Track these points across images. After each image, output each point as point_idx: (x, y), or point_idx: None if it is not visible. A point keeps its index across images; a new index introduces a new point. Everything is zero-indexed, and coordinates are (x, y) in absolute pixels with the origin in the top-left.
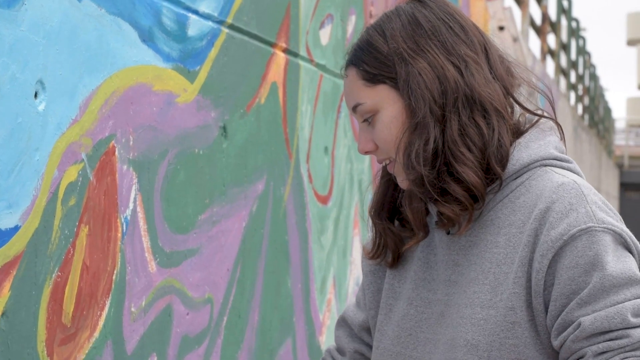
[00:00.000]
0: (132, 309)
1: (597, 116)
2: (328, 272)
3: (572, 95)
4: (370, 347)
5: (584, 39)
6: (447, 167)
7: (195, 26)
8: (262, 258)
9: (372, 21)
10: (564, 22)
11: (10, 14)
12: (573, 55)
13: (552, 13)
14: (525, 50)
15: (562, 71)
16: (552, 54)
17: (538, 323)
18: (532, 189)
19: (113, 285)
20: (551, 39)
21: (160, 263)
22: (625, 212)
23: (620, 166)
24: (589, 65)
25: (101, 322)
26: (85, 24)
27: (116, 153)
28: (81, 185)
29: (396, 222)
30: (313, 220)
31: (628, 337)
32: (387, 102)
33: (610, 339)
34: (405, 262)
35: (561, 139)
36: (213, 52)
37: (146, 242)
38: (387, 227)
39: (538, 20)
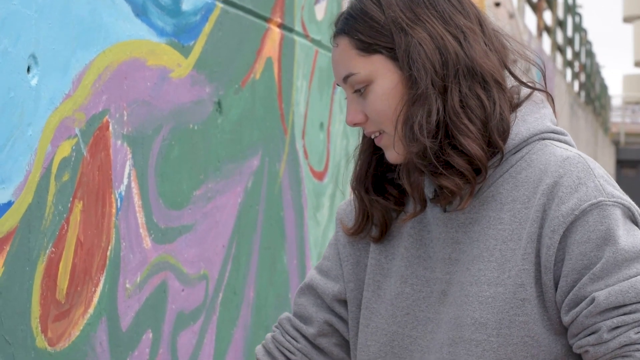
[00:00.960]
0: (127, 285)
1: (593, 93)
2: (324, 248)
3: (569, 72)
4: (341, 318)
5: (580, 15)
6: (448, 139)
7: (190, 1)
8: (257, 234)
9: None
10: None
11: None
12: (569, 32)
13: None
14: (521, 26)
15: (558, 48)
16: (548, 30)
17: (547, 299)
18: (533, 163)
19: (107, 262)
20: (547, 16)
21: (155, 239)
22: (622, 189)
23: (616, 143)
24: (585, 42)
25: (95, 299)
26: None
27: (110, 128)
28: (75, 161)
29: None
30: (309, 196)
31: None
32: (382, 73)
33: (625, 313)
34: (392, 237)
35: (553, 112)
36: (207, 27)
37: (141, 218)
38: (374, 200)
39: None
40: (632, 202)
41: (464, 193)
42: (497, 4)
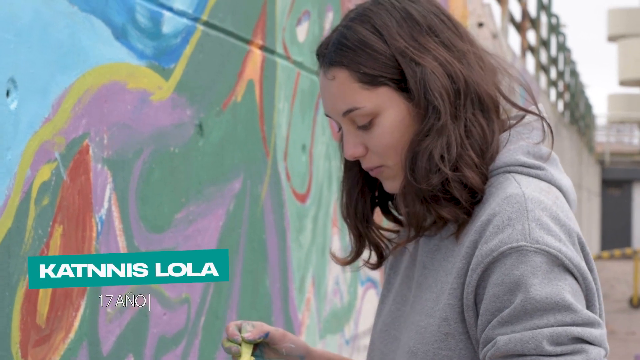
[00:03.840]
0: (108, 310)
1: (577, 113)
2: (307, 271)
3: (553, 91)
4: None
5: (564, 35)
6: (451, 170)
7: (170, 23)
8: (239, 257)
9: (349, 15)
10: (543, 18)
11: None
12: (553, 52)
13: (532, 9)
14: (504, 46)
15: (542, 68)
16: (532, 50)
17: (471, 336)
18: (489, 198)
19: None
20: (531, 36)
21: None
22: (607, 209)
23: (601, 163)
24: (569, 62)
25: (76, 323)
26: (57, 21)
27: (90, 152)
28: (55, 185)
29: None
30: (291, 219)
31: None
32: (389, 105)
33: None
34: (401, 254)
35: (543, 140)
36: (188, 50)
37: (121, 241)
38: (373, 229)
39: (518, 16)
40: (565, 250)
41: (461, 222)
42: (480, 24)
